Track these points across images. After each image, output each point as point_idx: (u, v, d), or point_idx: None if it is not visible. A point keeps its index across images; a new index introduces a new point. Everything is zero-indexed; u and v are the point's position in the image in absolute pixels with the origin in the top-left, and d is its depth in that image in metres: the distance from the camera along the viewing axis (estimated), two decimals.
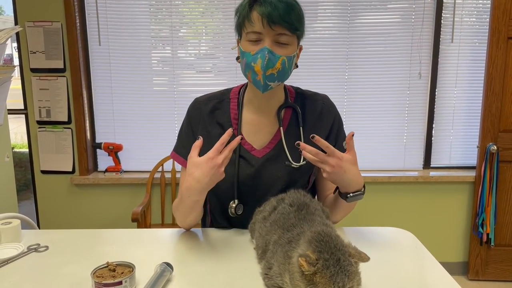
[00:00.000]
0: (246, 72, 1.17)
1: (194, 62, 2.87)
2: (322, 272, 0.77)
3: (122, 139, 2.92)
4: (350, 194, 1.13)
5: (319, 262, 0.78)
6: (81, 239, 1.25)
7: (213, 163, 1.04)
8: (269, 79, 1.14)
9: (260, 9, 1.10)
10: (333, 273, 0.77)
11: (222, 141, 1.06)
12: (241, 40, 1.18)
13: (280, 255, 0.90)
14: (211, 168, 1.04)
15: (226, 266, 1.06)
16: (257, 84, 1.16)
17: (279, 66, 1.13)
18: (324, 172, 1.09)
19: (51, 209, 2.95)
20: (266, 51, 1.10)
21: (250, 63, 1.13)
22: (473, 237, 2.85)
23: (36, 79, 2.79)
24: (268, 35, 1.11)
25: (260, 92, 1.17)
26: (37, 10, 2.72)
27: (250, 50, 1.13)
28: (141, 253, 1.14)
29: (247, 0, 1.13)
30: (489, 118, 2.69)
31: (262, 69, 1.11)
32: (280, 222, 0.99)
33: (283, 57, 1.13)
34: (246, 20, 1.12)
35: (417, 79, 2.84)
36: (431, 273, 0.99)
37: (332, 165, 1.07)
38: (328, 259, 0.78)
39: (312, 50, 2.80)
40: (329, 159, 1.07)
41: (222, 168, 1.06)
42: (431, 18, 2.77)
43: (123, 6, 2.79)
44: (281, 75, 1.15)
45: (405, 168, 2.94)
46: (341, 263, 0.78)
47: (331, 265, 0.77)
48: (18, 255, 1.13)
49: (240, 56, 1.19)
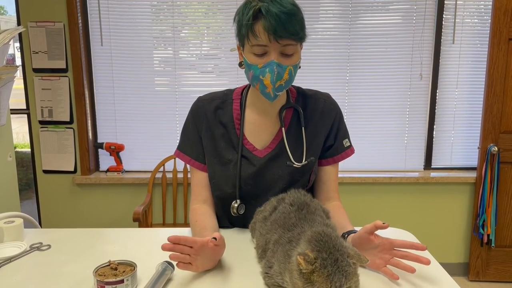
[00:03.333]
0: (254, 83, 1.17)
1: (196, 62, 2.87)
2: (319, 271, 0.78)
3: (123, 139, 2.93)
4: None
5: (317, 261, 0.78)
6: (83, 238, 1.26)
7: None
8: (278, 90, 1.15)
9: (264, 24, 1.08)
10: (331, 273, 0.77)
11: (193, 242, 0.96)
12: (244, 50, 1.17)
13: (281, 254, 0.90)
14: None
15: (227, 265, 1.07)
16: (266, 95, 1.16)
17: (286, 76, 1.13)
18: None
19: (53, 209, 2.96)
20: (275, 65, 1.10)
21: (258, 76, 1.13)
22: (473, 238, 2.85)
23: (39, 79, 2.80)
24: (274, 48, 1.10)
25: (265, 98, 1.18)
26: (40, 11, 2.73)
27: (257, 63, 1.13)
28: (143, 252, 1.15)
29: (250, 13, 1.09)
30: (490, 119, 2.69)
31: (272, 83, 1.12)
32: (281, 221, 0.99)
33: (290, 67, 1.13)
34: (250, 33, 1.10)
35: (418, 80, 2.85)
36: (432, 274, 0.99)
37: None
38: (326, 258, 0.79)
39: (314, 51, 2.81)
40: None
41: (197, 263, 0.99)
42: (432, 19, 2.78)
43: (125, 6, 2.80)
44: (288, 83, 1.16)
45: (406, 169, 2.94)
46: (339, 263, 0.79)
47: (328, 264, 0.78)
48: (21, 253, 1.14)
49: (245, 66, 1.18)
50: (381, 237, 1.02)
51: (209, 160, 1.28)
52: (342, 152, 1.31)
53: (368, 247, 1.02)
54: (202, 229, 1.18)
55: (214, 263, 1.04)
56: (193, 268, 0.98)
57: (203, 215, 1.25)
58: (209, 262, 1.02)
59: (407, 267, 0.98)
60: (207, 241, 0.95)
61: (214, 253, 1.01)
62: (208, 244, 0.95)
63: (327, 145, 1.30)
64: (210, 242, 0.94)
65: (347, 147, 1.32)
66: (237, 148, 1.25)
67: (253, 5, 1.10)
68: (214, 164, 1.27)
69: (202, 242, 0.95)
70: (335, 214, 1.18)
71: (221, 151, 1.26)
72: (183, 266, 0.96)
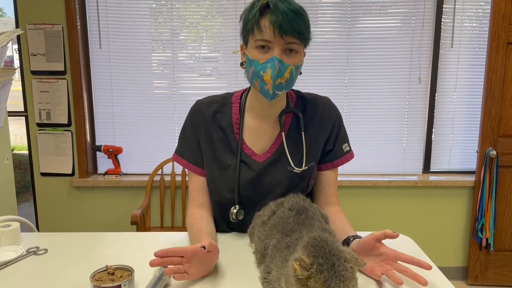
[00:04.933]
0: (253, 80, 1.16)
1: (195, 65, 2.87)
2: (316, 277, 0.77)
3: (122, 142, 2.92)
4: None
5: (313, 267, 0.78)
6: (80, 242, 1.25)
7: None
8: (278, 88, 1.13)
9: (271, 18, 1.08)
10: (327, 278, 0.77)
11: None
12: (248, 47, 1.17)
13: (279, 260, 0.90)
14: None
15: (225, 270, 1.06)
16: (265, 93, 1.15)
17: (287, 75, 1.13)
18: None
19: (50, 211, 2.95)
20: (277, 61, 1.10)
21: (259, 72, 1.13)
22: (472, 242, 2.85)
23: (37, 81, 2.79)
24: (278, 44, 1.11)
25: (265, 99, 1.17)
26: (38, 13, 2.72)
27: (259, 58, 1.12)
28: (140, 256, 1.14)
29: (257, 7, 1.11)
30: (488, 123, 2.70)
31: (272, 79, 1.11)
32: (279, 226, 0.99)
33: (292, 67, 1.13)
34: (256, 28, 1.11)
35: (417, 83, 2.85)
36: (430, 278, 0.99)
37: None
38: (322, 263, 0.78)
39: (312, 54, 2.81)
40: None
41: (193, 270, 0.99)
42: (431, 23, 2.78)
43: (124, 9, 2.80)
44: (289, 84, 1.15)
45: (404, 173, 2.94)
46: (335, 268, 0.78)
47: (325, 269, 0.77)
48: (17, 258, 1.13)
49: (247, 63, 1.18)
50: (386, 247, 1.01)
51: (208, 165, 1.27)
52: (342, 157, 1.30)
53: (371, 253, 1.02)
54: (198, 233, 1.17)
55: (209, 268, 1.04)
56: (189, 276, 0.98)
57: (200, 219, 1.24)
58: (204, 268, 1.01)
59: (397, 279, 0.97)
60: (197, 248, 0.95)
61: (208, 259, 1.01)
62: (198, 251, 0.95)
63: (327, 149, 1.29)
64: (199, 251, 0.95)
65: (347, 151, 1.31)
66: (236, 153, 1.24)
67: (262, 0, 1.12)
68: (213, 168, 1.26)
69: (192, 250, 0.95)
70: (335, 218, 1.18)
71: (219, 155, 1.25)
72: (179, 276, 0.96)
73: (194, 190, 1.30)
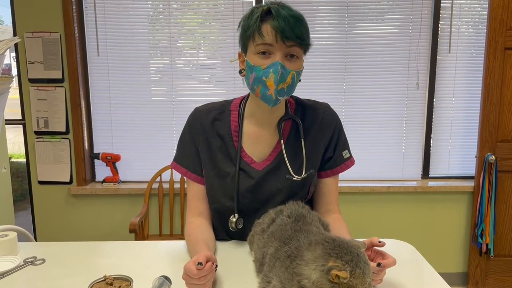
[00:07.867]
0: (254, 86, 1.15)
1: (193, 72, 2.87)
2: (355, 273, 0.79)
3: (120, 150, 2.91)
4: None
5: (348, 266, 0.80)
6: (78, 252, 1.24)
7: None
8: (280, 94, 1.13)
9: (273, 23, 1.09)
10: (362, 268, 0.80)
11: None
12: (247, 53, 1.16)
13: (282, 270, 0.88)
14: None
15: (225, 279, 1.05)
16: (267, 98, 1.14)
17: (289, 80, 1.13)
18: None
19: (48, 220, 2.93)
20: (279, 65, 1.10)
21: (261, 77, 1.12)
22: (472, 247, 2.84)
23: (34, 89, 2.78)
24: (280, 49, 1.10)
25: (266, 106, 1.16)
26: (36, 21, 2.72)
27: (260, 64, 1.12)
28: (139, 266, 1.13)
29: (258, 13, 1.11)
30: (487, 128, 2.70)
31: (275, 84, 1.10)
32: (277, 234, 0.98)
33: (293, 72, 1.13)
34: (257, 33, 1.11)
35: (415, 89, 2.85)
36: (431, 284, 0.98)
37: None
38: (352, 259, 0.81)
39: (310, 60, 2.81)
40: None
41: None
42: (428, 29, 2.79)
43: (122, 16, 2.80)
44: (290, 90, 1.15)
45: (403, 178, 2.94)
46: (361, 257, 0.82)
47: (357, 262, 0.80)
48: (14, 268, 1.12)
49: (247, 70, 1.17)
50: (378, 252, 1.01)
51: (207, 173, 1.26)
52: (342, 164, 1.29)
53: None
54: (195, 243, 1.16)
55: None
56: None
57: (197, 229, 1.23)
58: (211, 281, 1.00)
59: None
60: (194, 267, 0.93)
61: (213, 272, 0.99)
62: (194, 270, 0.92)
63: (327, 157, 1.28)
64: (195, 270, 0.92)
65: (347, 158, 1.30)
66: (234, 161, 1.23)
67: (262, 7, 1.13)
68: (212, 176, 1.25)
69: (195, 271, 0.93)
70: (335, 226, 1.17)
71: (218, 163, 1.24)
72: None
73: (193, 198, 1.29)
